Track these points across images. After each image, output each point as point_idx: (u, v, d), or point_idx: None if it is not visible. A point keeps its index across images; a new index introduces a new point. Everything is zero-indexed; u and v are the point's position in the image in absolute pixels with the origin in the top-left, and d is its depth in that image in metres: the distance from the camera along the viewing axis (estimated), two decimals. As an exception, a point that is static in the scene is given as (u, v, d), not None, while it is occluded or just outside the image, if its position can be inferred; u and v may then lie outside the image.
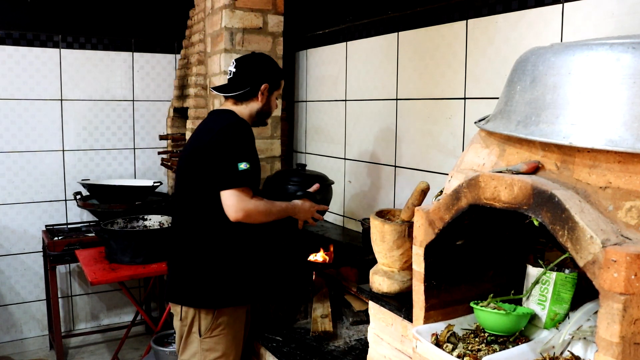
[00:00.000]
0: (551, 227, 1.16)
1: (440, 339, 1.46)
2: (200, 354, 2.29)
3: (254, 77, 2.32)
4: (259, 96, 2.34)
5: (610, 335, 1.04)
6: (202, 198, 2.23)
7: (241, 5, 3.30)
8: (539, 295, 1.48)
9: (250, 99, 2.34)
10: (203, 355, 2.29)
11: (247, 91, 2.32)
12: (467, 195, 1.38)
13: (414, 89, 2.69)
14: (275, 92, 2.42)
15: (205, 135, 2.24)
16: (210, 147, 2.17)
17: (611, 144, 1.15)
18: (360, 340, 2.55)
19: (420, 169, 2.67)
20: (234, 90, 2.33)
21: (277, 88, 2.41)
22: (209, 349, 2.29)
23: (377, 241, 1.85)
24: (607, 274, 1.04)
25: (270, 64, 2.41)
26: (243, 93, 2.32)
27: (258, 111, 2.37)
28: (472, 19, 2.35)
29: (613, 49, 1.21)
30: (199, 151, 2.22)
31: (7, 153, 3.98)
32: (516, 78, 1.43)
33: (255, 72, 2.34)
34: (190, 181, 2.26)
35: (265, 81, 2.34)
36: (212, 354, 2.30)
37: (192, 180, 2.25)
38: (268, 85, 2.35)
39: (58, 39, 4.05)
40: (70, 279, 4.29)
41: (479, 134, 1.58)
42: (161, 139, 4.23)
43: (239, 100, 2.35)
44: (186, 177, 2.29)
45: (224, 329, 2.29)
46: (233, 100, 2.36)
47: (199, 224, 2.26)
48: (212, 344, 2.29)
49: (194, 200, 2.26)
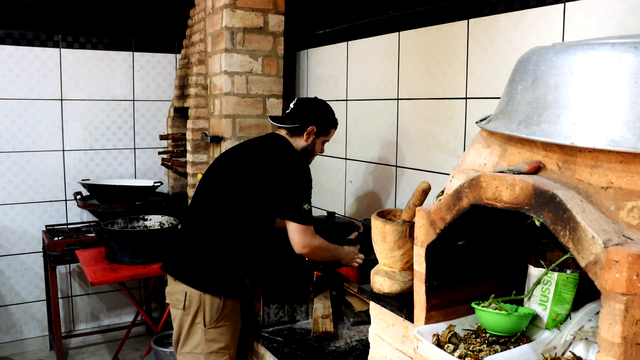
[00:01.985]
0: (553, 227, 1.15)
1: (441, 339, 1.46)
2: (203, 345, 2.33)
3: (305, 117, 2.52)
4: (304, 135, 2.53)
5: (612, 336, 1.03)
6: (250, 211, 2.37)
7: (242, 4, 3.30)
8: (540, 296, 1.47)
9: (298, 135, 2.54)
10: (207, 346, 2.34)
11: (295, 127, 2.52)
12: (468, 196, 1.37)
13: (415, 88, 2.69)
14: (322, 138, 2.60)
15: (273, 158, 2.41)
16: (282, 175, 2.37)
17: (613, 144, 1.14)
18: (361, 340, 2.55)
19: (422, 169, 2.67)
20: (285, 123, 2.55)
21: (324, 134, 2.59)
22: (212, 339, 2.34)
23: (378, 241, 1.84)
24: (608, 274, 1.03)
25: (326, 111, 2.60)
26: (292, 128, 2.52)
27: (302, 149, 2.55)
28: (473, 18, 2.34)
29: (615, 48, 1.21)
30: (266, 171, 2.38)
31: (7, 153, 3.98)
32: (517, 78, 1.42)
33: (307, 113, 2.54)
34: (244, 192, 2.38)
35: (313, 124, 2.52)
36: (215, 345, 2.35)
37: (246, 192, 2.37)
38: (315, 128, 2.53)
39: (58, 38, 4.05)
40: (70, 279, 4.29)
41: (480, 134, 1.58)
42: (161, 138, 4.23)
43: (289, 134, 2.54)
44: (240, 185, 2.39)
45: (227, 321, 2.36)
46: (286, 131, 2.55)
47: (233, 227, 2.36)
48: (216, 334, 2.34)
49: (239, 208, 2.37)
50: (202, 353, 2.35)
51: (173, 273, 2.41)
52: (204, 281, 2.33)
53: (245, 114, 3.43)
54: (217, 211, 2.39)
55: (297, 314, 2.78)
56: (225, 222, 2.37)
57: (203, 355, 2.35)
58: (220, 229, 2.36)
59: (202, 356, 2.35)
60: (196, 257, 2.38)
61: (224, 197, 2.40)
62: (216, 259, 2.35)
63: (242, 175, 2.41)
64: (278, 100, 3.50)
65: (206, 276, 2.34)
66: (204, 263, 2.36)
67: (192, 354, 2.37)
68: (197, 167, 3.77)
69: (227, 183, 2.42)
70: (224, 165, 2.50)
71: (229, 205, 2.38)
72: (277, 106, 3.48)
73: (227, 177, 2.43)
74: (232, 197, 2.38)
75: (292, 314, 2.77)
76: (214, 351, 2.36)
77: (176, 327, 2.41)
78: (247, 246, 2.39)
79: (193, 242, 2.41)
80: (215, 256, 2.36)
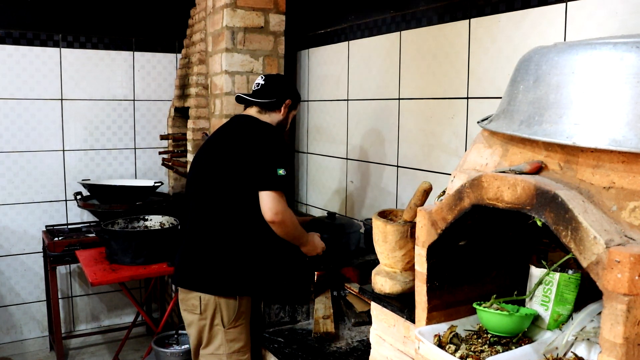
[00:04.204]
0: (554, 227, 1.15)
1: (442, 340, 1.46)
2: (225, 346, 2.38)
3: (280, 92, 2.54)
4: (282, 109, 2.54)
5: (614, 337, 1.03)
6: (236, 196, 2.35)
7: (242, 4, 3.29)
8: (542, 296, 1.47)
9: (274, 110, 2.54)
10: (228, 347, 2.38)
11: (273, 102, 2.52)
12: (469, 196, 1.37)
13: (416, 88, 2.68)
14: (293, 111, 2.63)
15: (243, 137, 2.38)
16: (253, 149, 2.33)
17: (615, 144, 1.14)
18: (363, 341, 2.55)
19: (423, 169, 2.66)
20: (262, 98, 2.53)
21: (295, 108, 2.63)
22: (233, 339, 2.39)
23: (379, 242, 1.84)
24: (610, 274, 1.03)
25: (294, 85, 2.65)
26: (269, 103, 2.52)
27: (278, 122, 2.55)
28: (474, 18, 2.34)
29: (617, 48, 1.20)
30: (239, 151, 2.35)
31: (7, 153, 3.98)
32: (519, 77, 1.42)
33: (281, 88, 2.56)
34: (226, 179, 2.35)
35: (288, 97, 2.56)
36: (236, 344, 2.40)
37: (228, 178, 2.35)
38: (290, 101, 2.56)
39: (58, 38, 4.05)
40: (70, 279, 4.28)
41: (481, 134, 1.58)
42: (162, 138, 4.23)
43: (263, 110, 2.53)
44: (220, 174, 2.37)
45: (244, 319, 2.42)
46: (258, 109, 2.54)
47: (228, 219, 2.36)
48: (237, 333, 2.39)
49: (227, 197, 2.36)
50: (225, 354, 2.39)
51: (185, 284, 2.43)
52: (216, 285, 2.35)
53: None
54: (210, 210, 2.39)
55: (298, 315, 2.78)
56: (220, 218, 2.36)
57: (225, 355, 2.39)
58: (218, 227, 2.36)
59: (224, 357, 2.39)
60: (203, 262, 2.38)
61: (211, 194, 2.39)
62: (222, 258, 2.36)
63: (222, 165, 2.38)
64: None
65: (217, 279, 2.35)
66: (211, 266, 2.36)
67: (214, 355, 2.40)
68: (197, 167, 3.76)
69: (209, 180, 2.40)
70: (201, 165, 2.48)
71: (218, 201, 2.37)
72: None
73: (208, 175, 2.41)
74: (218, 191, 2.37)
75: (293, 314, 2.76)
76: (235, 350, 2.40)
77: (194, 332, 2.42)
78: (248, 236, 2.38)
79: (196, 248, 2.41)
80: (221, 256, 2.36)
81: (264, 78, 2.58)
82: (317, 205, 3.59)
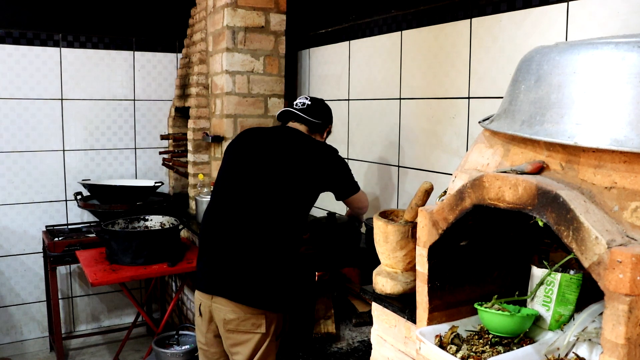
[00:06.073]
0: (556, 227, 1.14)
1: (444, 340, 1.45)
2: (273, 357, 2.36)
3: (325, 116, 2.61)
4: (324, 133, 2.63)
5: (616, 337, 1.03)
6: (294, 211, 2.33)
7: (243, 3, 3.29)
8: (543, 297, 1.47)
9: (317, 132, 2.59)
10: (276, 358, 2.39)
11: (319, 124, 2.56)
12: (471, 196, 1.36)
13: (418, 88, 2.68)
14: (327, 137, 2.70)
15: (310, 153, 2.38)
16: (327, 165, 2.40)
17: (616, 144, 1.14)
18: (364, 341, 2.54)
19: (424, 169, 2.66)
20: (312, 118, 2.55)
21: (329, 134, 2.70)
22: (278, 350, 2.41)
23: (380, 242, 1.84)
24: (612, 275, 1.02)
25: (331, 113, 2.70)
26: (316, 124, 2.55)
27: None
28: (476, 17, 2.34)
29: (618, 48, 1.20)
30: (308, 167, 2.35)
31: (7, 153, 3.97)
32: (520, 77, 1.42)
33: (326, 112, 2.63)
34: (289, 192, 2.31)
35: (330, 123, 2.65)
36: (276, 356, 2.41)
37: (291, 192, 2.31)
38: (330, 127, 2.66)
39: (58, 37, 4.04)
40: (70, 280, 4.28)
41: (483, 134, 1.57)
42: (162, 138, 4.23)
43: (310, 130, 2.55)
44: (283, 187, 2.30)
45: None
46: (307, 127, 2.54)
47: (283, 233, 2.30)
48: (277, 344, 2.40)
49: (286, 210, 2.30)
50: None
51: (238, 298, 2.24)
52: (279, 301, 2.29)
53: (247, 113, 3.42)
54: (267, 222, 2.28)
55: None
56: (277, 232, 2.28)
57: None
58: (275, 241, 2.27)
59: None
60: (265, 278, 2.26)
61: (268, 206, 2.29)
62: (279, 274, 2.28)
63: (286, 179, 2.30)
64: (279, 100, 3.50)
65: (279, 296, 2.28)
66: (274, 283, 2.27)
67: None
68: (198, 167, 3.77)
69: (268, 190, 2.30)
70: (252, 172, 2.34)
71: (276, 213, 2.29)
72: (279, 106, 3.48)
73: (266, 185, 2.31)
74: (278, 204, 2.29)
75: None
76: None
77: (247, 352, 2.28)
78: (292, 251, 2.35)
79: (251, 261, 2.26)
80: (279, 271, 2.28)
81: (309, 99, 2.58)
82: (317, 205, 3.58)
